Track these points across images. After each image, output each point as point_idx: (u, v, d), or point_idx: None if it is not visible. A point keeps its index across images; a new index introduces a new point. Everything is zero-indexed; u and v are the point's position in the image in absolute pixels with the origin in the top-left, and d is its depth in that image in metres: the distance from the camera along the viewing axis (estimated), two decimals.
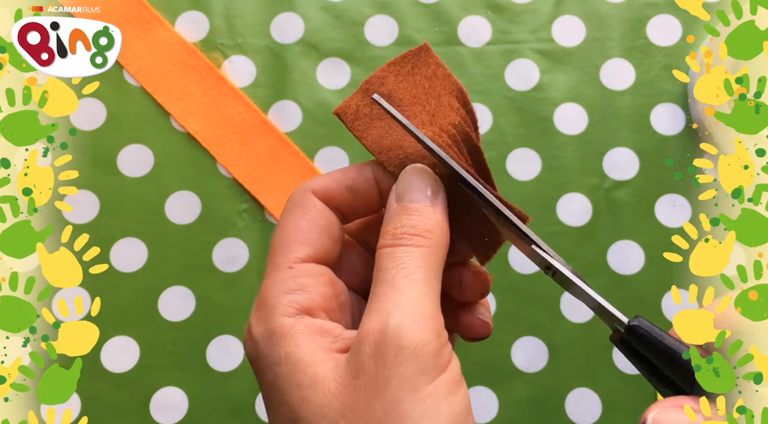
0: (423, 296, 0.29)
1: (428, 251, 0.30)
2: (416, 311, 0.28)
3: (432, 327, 0.28)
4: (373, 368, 0.27)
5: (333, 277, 0.32)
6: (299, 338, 0.29)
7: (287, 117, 0.57)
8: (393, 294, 0.29)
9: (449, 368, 0.28)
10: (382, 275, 0.29)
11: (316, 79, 0.58)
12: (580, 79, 0.58)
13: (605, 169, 0.57)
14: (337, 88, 0.58)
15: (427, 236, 0.30)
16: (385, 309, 0.28)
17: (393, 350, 0.27)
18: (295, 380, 0.29)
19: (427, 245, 0.30)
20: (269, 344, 0.30)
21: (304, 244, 0.32)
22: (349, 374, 0.28)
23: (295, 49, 0.59)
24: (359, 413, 0.27)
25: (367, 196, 0.33)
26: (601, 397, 0.53)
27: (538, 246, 0.34)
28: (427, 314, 0.28)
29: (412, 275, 0.29)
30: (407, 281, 0.29)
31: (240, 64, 0.58)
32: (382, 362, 0.27)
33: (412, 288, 0.29)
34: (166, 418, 0.52)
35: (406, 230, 0.30)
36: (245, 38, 0.59)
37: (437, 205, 0.31)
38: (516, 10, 0.59)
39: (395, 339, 0.27)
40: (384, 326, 0.28)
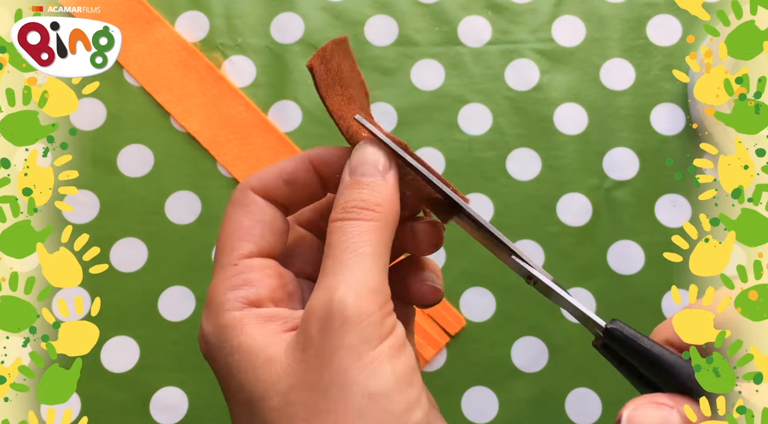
0: (369, 270, 0.30)
1: (378, 225, 0.31)
2: (361, 285, 0.29)
3: (376, 299, 0.29)
4: (319, 340, 0.29)
5: (279, 269, 0.33)
6: (249, 328, 0.30)
7: (287, 117, 0.57)
8: (340, 269, 0.30)
9: (392, 334, 0.29)
10: (330, 250, 0.30)
11: None
12: (580, 79, 0.58)
13: (605, 169, 0.57)
14: None
15: (377, 209, 0.31)
16: (332, 284, 0.29)
17: (338, 322, 0.28)
18: (249, 363, 0.30)
19: (376, 218, 0.31)
20: (220, 338, 0.31)
21: (246, 241, 0.33)
22: (297, 349, 0.29)
23: (295, 49, 0.59)
24: (308, 385, 0.28)
25: (307, 186, 0.34)
26: (601, 397, 0.53)
27: (519, 256, 0.34)
28: (371, 287, 0.29)
29: (359, 249, 0.30)
30: (354, 255, 0.30)
31: (240, 64, 0.58)
32: (328, 334, 0.28)
33: (360, 263, 0.30)
34: (166, 418, 0.52)
35: (357, 203, 0.31)
36: (245, 38, 0.59)
37: (389, 180, 0.32)
38: (516, 10, 0.59)
39: (340, 312, 0.28)
40: (329, 300, 0.29)
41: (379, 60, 0.58)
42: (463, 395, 0.53)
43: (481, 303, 0.54)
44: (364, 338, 0.28)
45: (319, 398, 0.28)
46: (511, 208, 0.56)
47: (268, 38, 0.59)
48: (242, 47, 0.58)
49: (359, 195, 0.31)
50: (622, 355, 0.33)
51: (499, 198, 0.56)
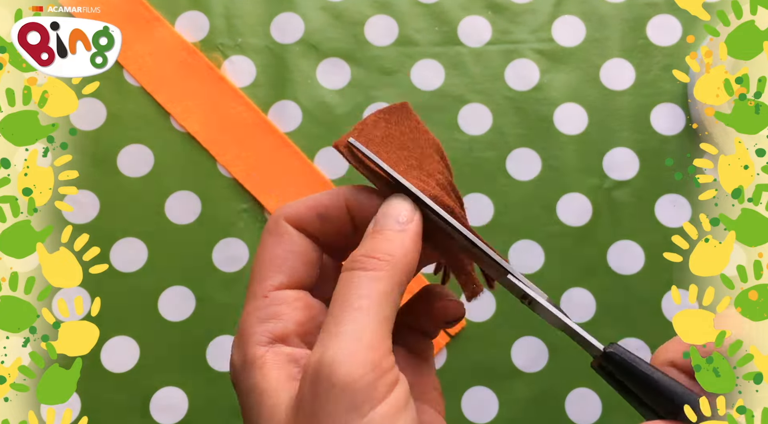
0: (365, 327, 0.28)
1: (381, 275, 0.30)
2: (352, 343, 0.28)
3: (368, 359, 0.28)
4: (309, 402, 0.28)
5: (310, 300, 0.33)
6: (267, 368, 0.30)
7: (287, 117, 0.57)
8: (334, 326, 0.28)
9: (386, 400, 0.28)
10: (332, 304, 0.30)
11: (316, 79, 0.58)
12: (580, 79, 0.58)
13: (605, 169, 0.57)
14: (337, 88, 0.58)
15: (383, 258, 0.30)
16: (324, 342, 0.28)
17: (325, 386, 0.27)
18: (257, 411, 0.30)
19: (380, 267, 0.30)
20: (243, 372, 0.31)
21: (278, 271, 0.32)
22: (294, 406, 0.28)
23: (295, 49, 0.59)
24: None
25: (339, 224, 0.33)
26: (601, 397, 0.53)
27: (514, 276, 0.34)
28: (365, 345, 0.28)
29: (355, 303, 0.29)
30: (350, 310, 0.29)
31: (240, 64, 0.58)
32: (316, 398, 0.27)
33: (353, 319, 0.28)
34: (166, 418, 0.52)
35: (366, 252, 0.30)
36: (245, 38, 0.59)
37: (407, 231, 0.31)
38: (516, 10, 0.60)
39: (327, 375, 0.27)
40: (320, 360, 0.28)
41: (379, 60, 0.58)
42: (463, 395, 0.53)
43: (481, 303, 0.54)
44: (352, 405, 0.27)
45: None
46: (511, 209, 0.56)
47: (268, 38, 0.59)
48: (242, 47, 0.58)
49: (371, 244, 0.30)
50: (619, 378, 0.33)
51: (499, 198, 0.56)
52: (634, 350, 0.53)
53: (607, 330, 0.54)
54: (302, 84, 0.58)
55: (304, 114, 0.57)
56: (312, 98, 0.58)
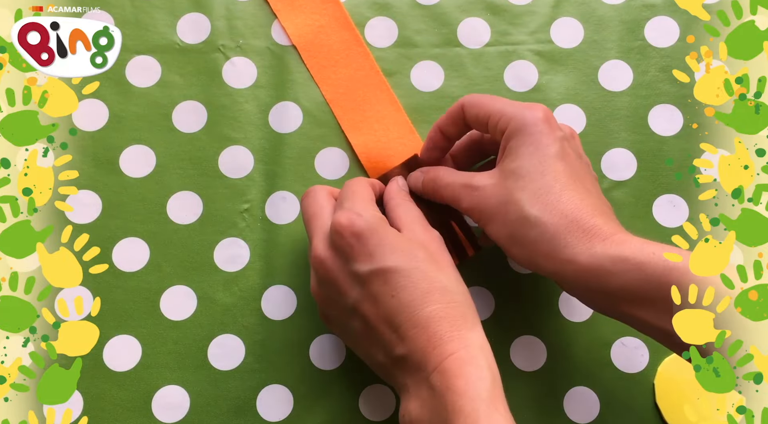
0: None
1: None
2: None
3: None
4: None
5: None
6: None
7: (288, 118, 0.57)
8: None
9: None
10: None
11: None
12: (579, 81, 0.59)
13: (603, 169, 0.57)
14: None
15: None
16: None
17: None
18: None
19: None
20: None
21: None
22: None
23: (295, 51, 0.59)
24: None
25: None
26: (600, 396, 0.53)
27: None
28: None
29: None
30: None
31: (241, 65, 0.58)
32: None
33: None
34: (168, 416, 0.52)
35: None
36: (246, 40, 0.59)
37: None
38: (515, 12, 0.60)
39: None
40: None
41: (379, 61, 0.59)
42: None
43: (480, 303, 0.54)
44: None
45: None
46: None
47: (269, 40, 0.59)
48: (243, 49, 0.59)
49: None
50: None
51: None
52: (634, 350, 0.54)
53: (605, 330, 0.54)
54: (303, 85, 0.58)
55: (305, 115, 0.57)
56: (312, 99, 0.58)
